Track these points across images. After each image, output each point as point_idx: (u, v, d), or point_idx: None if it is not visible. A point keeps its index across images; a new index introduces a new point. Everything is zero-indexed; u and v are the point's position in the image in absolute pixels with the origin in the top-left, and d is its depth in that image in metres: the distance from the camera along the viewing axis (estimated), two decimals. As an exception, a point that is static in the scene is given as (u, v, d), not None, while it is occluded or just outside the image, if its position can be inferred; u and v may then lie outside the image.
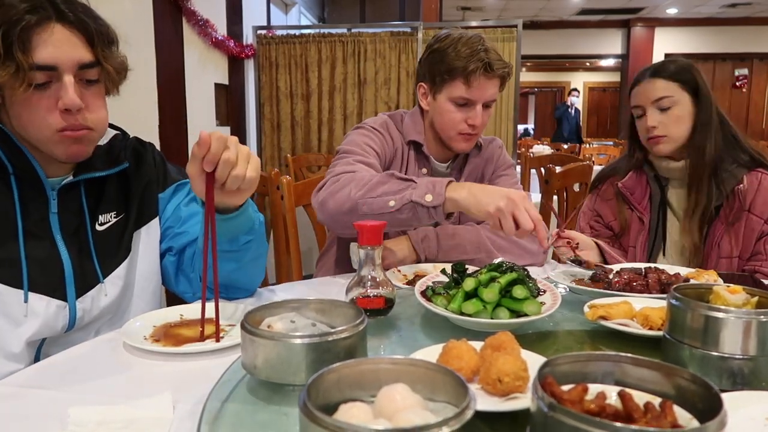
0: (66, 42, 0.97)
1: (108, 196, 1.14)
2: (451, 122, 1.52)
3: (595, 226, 1.72)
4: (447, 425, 0.46)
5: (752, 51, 11.60)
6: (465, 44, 1.48)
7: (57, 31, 0.96)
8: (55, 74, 0.97)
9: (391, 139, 1.59)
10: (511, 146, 4.91)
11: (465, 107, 1.51)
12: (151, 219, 1.21)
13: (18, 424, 0.71)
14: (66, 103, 0.97)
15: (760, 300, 0.81)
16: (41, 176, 1.04)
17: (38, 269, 1.03)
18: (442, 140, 1.58)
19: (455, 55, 1.47)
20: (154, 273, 1.22)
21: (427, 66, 1.55)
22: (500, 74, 1.51)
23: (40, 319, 1.02)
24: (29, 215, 1.03)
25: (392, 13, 7.47)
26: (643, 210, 1.62)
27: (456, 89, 1.49)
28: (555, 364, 0.58)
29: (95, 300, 1.10)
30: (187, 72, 3.79)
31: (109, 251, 1.13)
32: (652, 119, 1.54)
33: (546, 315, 0.95)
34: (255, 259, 1.17)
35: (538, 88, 16.59)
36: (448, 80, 1.50)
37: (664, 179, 1.62)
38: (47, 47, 0.95)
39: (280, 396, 0.73)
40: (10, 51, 0.91)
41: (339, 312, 0.82)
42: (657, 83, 1.54)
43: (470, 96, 1.49)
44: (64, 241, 1.07)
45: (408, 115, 1.65)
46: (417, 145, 1.60)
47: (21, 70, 0.92)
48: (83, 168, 1.09)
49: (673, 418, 0.51)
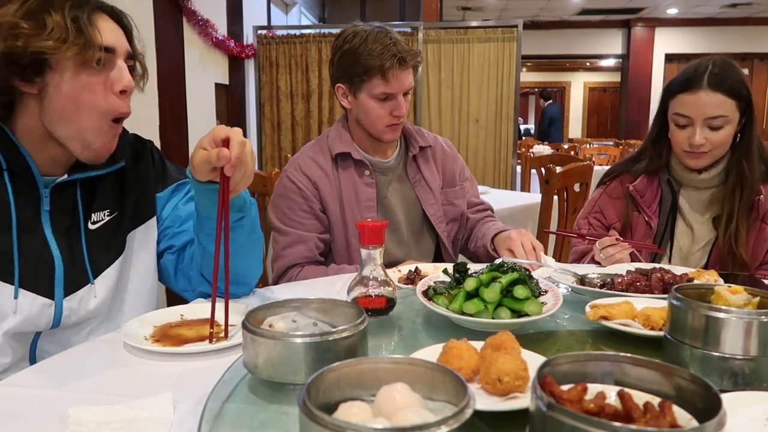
0: (116, 30, 1.05)
1: (103, 194, 1.14)
2: (377, 117, 1.57)
3: (594, 223, 1.69)
4: (446, 424, 0.46)
5: (752, 51, 11.59)
6: (375, 41, 1.51)
7: (108, 20, 1.04)
8: (112, 57, 1.02)
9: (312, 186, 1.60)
10: (511, 146, 4.91)
11: (387, 101, 1.56)
12: (147, 219, 1.20)
13: (18, 424, 0.71)
14: (125, 84, 1.02)
15: (761, 300, 0.81)
16: (35, 174, 1.04)
17: (28, 266, 1.03)
18: (369, 134, 1.63)
19: (368, 53, 1.51)
20: (150, 273, 1.21)
21: (342, 67, 1.58)
22: (413, 64, 1.57)
23: (23, 315, 1.02)
24: (22, 212, 1.03)
25: (392, 13, 7.48)
26: (651, 214, 1.58)
27: (375, 87, 1.54)
28: (554, 364, 0.58)
29: (84, 300, 1.09)
30: (187, 72, 3.79)
31: (100, 251, 1.12)
32: (701, 136, 1.43)
33: (547, 315, 0.95)
34: (250, 243, 1.15)
35: (538, 88, 16.59)
36: (366, 79, 1.54)
37: (677, 184, 1.57)
38: (106, 32, 1.01)
39: (281, 395, 0.73)
40: (81, 28, 0.96)
41: (340, 311, 0.82)
42: (714, 98, 1.42)
43: (390, 90, 1.54)
44: (55, 240, 1.06)
45: (332, 129, 1.69)
46: (346, 155, 1.63)
47: (89, 47, 0.97)
48: (78, 167, 1.09)
49: (672, 418, 0.51)
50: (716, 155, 1.48)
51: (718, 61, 1.47)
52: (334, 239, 1.62)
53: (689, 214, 1.57)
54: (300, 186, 1.59)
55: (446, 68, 4.91)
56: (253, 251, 1.19)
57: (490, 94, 4.85)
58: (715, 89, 1.42)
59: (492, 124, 4.90)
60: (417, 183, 1.70)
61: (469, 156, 4.94)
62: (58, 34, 0.94)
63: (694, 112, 1.44)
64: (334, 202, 1.60)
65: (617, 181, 1.66)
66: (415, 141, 1.70)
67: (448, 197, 1.74)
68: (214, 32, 4.09)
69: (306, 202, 1.59)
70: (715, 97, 1.42)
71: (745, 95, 1.45)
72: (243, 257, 1.14)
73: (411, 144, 1.71)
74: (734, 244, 1.46)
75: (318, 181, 1.60)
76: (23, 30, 0.94)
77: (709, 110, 1.42)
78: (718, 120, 1.43)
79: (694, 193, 1.56)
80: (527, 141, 8.86)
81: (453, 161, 1.79)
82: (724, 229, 1.48)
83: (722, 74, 1.43)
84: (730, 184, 1.49)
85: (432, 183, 1.71)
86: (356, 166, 1.63)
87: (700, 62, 1.48)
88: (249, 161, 1.00)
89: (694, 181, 1.54)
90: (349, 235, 1.61)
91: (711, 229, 1.54)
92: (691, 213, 1.57)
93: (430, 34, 4.88)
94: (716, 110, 1.42)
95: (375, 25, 1.57)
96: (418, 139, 1.71)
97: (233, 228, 1.09)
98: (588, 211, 1.71)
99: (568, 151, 7.08)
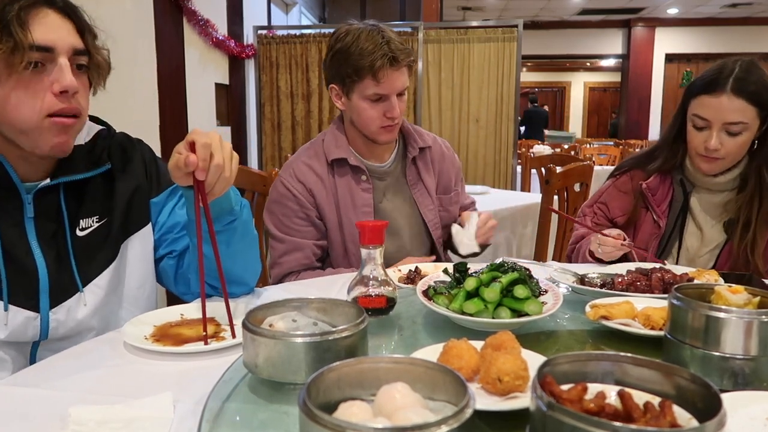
0: (60, 26, 0.97)
1: (90, 199, 1.09)
2: (370, 119, 1.53)
3: (598, 213, 1.67)
4: (446, 424, 0.46)
5: (752, 51, 11.54)
6: (366, 39, 1.47)
7: (50, 14, 0.96)
8: (51, 56, 0.95)
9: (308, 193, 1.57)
10: (511, 146, 4.91)
11: (380, 102, 1.51)
12: (143, 226, 1.16)
13: (18, 424, 0.71)
14: (64, 85, 0.95)
15: (761, 300, 0.81)
16: (15, 180, 1.00)
17: (12, 277, 0.99)
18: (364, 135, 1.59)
19: (359, 53, 1.46)
20: (148, 281, 1.18)
21: (334, 68, 1.54)
22: (406, 64, 1.52)
23: (10, 329, 0.99)
24: (4, 220, 0.99)
25: (393, 12, 7.47)
26: (660, 213, 1.56)
27: (367, 87, 1.50)
28: (555, 364, 0.58)
29: (72, 310, 1.05)
30: (187, 72, 3.79)
31: (90, 258, 1.08)
32: (717, 141, 1.40)
33: (547, 315, 0.94)
34: (244, 244, 1.13)
35: (538, 88, 16.58)
36: (357, 80, 1.50)
37: (690, 185, 1.55)
38: (43, 29, 0.94)
39: (281, 395, 0.73)
40: (8, 28, 0.89)
41: (340, 311, 0.82)
42: (736, 104, 1.38)
43: (382, 91, 1.50)
44: (40, 248, 1.02)
45: (328, 133, 1.66)
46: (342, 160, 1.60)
47: (19, 49, 0.90)
48: (61, 170, 1.05)
49: (672, 418, 0.51)
50: (729, 163, 1.46)
51: (744, 63, 1.42)
52: (332, 245, 1.61)
53: (700, 216, 1.55)
54: (295, 193, 1.57)
55: (446, 68, 4.91)
56: (249, 252, 1.16)
57: (490, 94, 4.85)
58: (738, 94, 1.38)
59: (492, 124, 4.90)
60: (415, 187, 1.67)
61: (469, 156, 4.94)
62: None
63: (714, 116, 1.41)
64: (330, 208, 1.58)
65: (627, 176, 1.64)
66: (414, 142, 1.67)
67: (443, 203, 1.72)
68: (214, 32, 4.09)
69: (302, 209, 1.57)
70: (737, 103, 1.38)
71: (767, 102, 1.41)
72: (239, 258, 1.12)
73: (410, 144, 1.68)
74: (750, 253, 1.45)
75: (314, 187, 1.58)
76: None
77: (729, 116, 1.39)
78: (737, 126, 1.39)
79: (707, 196, 1.54)
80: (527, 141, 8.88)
81: (451, 164, 1.76)
82: (740, 237, 1.46)
83: (747, 78, 1.39)
84: (748, 192, 1.47)
85: (430, 187, 1.69)
86: (353, 172, 1.60)
87: (725, 63, 1.43)
88: (226, 166, 0.96)
89: (707, 184, 1.53)
90: (347, 241, 1.59)
91: (721, 232, 1.52)
92: (702, 215, 1.55)
93: (431, 34, 4.88)
94: (736, 116, 1.39)
95: (369, 23, 1.53)
96: (417, 139, 1.68)
97: (225, 231, 1.08)
98: (594, 200, 1.71)
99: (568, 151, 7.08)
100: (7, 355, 1.01)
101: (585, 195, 2.82)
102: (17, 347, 1.03)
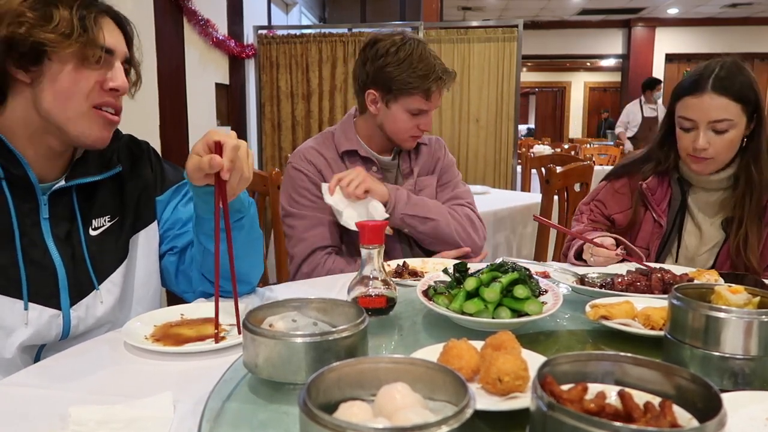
0: (118, 34, 1.08)
1: (101, 200, 1.13)
2: (405, 129, 1.63)
3: (594, 210, 1.68)
4: (446, 424, 0.46)
5: (753, 51, 11.57)
6: (420, 60, 1.56)
7: (112, 24, 1.07)
8: (110, 58, 1.04)
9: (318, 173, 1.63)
10: (512, 146, 4.91)
11: (419, 115, 1.62)
12: (149, 223, 1.19)
13: (18, 424, 0.71)
14: (118, 84, 1.04)
15: (761, 300, 0.81)
16: (33, 181, 1.03)
17: (33, 277, 1.01)
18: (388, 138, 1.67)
19: (412, 71, 1.55)
20: (153, 278, 1.21)
21: (380, 77, 1.59)
22: (448, 86, 1.64)
23: (33, 328, 1.01)
24: (22, 221, 1.02)
25: (393, 12, 7.47)
26: (661, 213, 1.56)
27: (414, 102, 1.59)
28: (555, 364, 0.58)
29: (90, 308, 1.08)
30: (187, 72, 3.79)
31: (103, 256, 1.11)
32: (704, 140, 1.42)
33: (547, 315, 0.94)
34: (249, 242, 1.15)
35: (538, 88, 16.58)
36: (406, 95, 1.58)
37: (687, 183, 1.56)
38: (108, 34, 1.04)
39: (281, 395, 0.73)
40: (86, 27, 0.99)
41: (340, 311, 0.82)
42: (719, 101, 1.40)
43: (427, 108, 1.61)
44: (57, 247, 1.05)
45: (337, 128, 1.72)
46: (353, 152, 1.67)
47: (92, 46, 0.99)
48: (76, 172, 1.08)
49: (673, 418, 0.51)
50: (720, 162, 1.47)
51: (726, 63, 1.44)
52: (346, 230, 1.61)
53: (698, 215, 1.56)
54: (306, 173, 1.62)
55: (446, 68, 4.90)
56: (254, 250, 1.19)
57: (490, 94, 4.85)
58: (720, 93, 1.40)
59: (492, 124, 4.89)
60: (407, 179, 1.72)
61: (470, 156, 4.93)
62: (63, 28, 0.96)
63: (699, 116, 1.42)
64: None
65: (625, 179, 1.65)
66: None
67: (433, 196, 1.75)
68: (214, 32, 4.09)
69: (315, 187, 1.61)
70: (719, 101, 1.40)
71: (753, 99, 1.42)
72: (244, 256, 1.14)
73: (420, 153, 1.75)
74: (743, 250, 1.45)
75: (323, 169, 1.63)
76: (28, 19, 0.95)
77: (713, 113, 1.40)
78: (723, 123, 1.40)
79: (704, 194, 1.55)
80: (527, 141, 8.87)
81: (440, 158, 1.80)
82: (735, 235, 1.47)
83: (729, 78, 1.41)
84: (740, 190, 1.47)
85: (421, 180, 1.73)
86: (363, 162, 1.66)
87: (707, 64, 1.46)
88: (245, 165, 1.00)
89: (703, 182, 1.53)
90: None
91: (720, 231, 1.53)
92: (700, 214, 1.55)
93: (431, 33, 4.88)
94: (720, 113, 1.40)
95: (412, 38, 1.59)
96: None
97: (234, 228, 1.08)
98: (591, 197, 1.71)
99: (568, 151, 7.08)
100: (21, 360, 1.02)
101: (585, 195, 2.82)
102: (30, 351, 1.04)
